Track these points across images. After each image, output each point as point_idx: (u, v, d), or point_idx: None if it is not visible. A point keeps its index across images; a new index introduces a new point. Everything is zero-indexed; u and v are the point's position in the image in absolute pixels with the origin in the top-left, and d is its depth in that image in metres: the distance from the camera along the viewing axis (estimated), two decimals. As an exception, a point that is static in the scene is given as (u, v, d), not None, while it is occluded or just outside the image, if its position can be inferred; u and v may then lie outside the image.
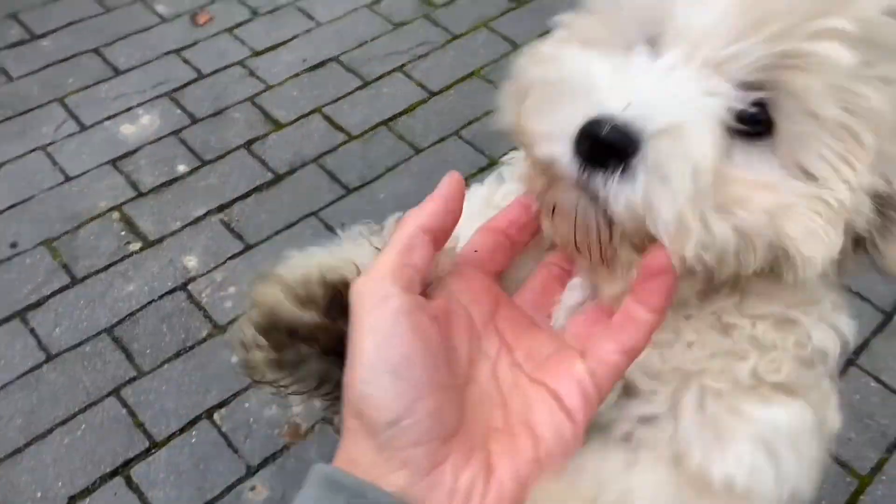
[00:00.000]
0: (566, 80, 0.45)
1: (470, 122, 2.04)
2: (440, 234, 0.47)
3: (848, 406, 0.69)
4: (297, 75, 2.15)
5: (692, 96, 0.43)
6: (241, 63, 2.18)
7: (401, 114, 2.06)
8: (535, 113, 0.47)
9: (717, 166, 0.42)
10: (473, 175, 1.92)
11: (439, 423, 0.42)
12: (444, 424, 0.43)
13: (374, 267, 0.45)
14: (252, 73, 2.15)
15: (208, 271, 1.71)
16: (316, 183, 1.88)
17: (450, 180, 0.48)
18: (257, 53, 2.21)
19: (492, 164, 1.95)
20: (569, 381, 0.45)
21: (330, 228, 1.79)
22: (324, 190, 1.87)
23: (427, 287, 0.48)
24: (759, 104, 0.44)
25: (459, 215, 0.48)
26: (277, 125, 2.02)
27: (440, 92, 2.12)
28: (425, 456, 0.41)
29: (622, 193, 0.42)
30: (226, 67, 2.17)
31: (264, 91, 2.11)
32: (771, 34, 0.43)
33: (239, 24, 2.30)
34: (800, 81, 0.43)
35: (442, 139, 2.00)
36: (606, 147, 0.41)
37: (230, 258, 1.73)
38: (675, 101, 0.43)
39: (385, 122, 2.03)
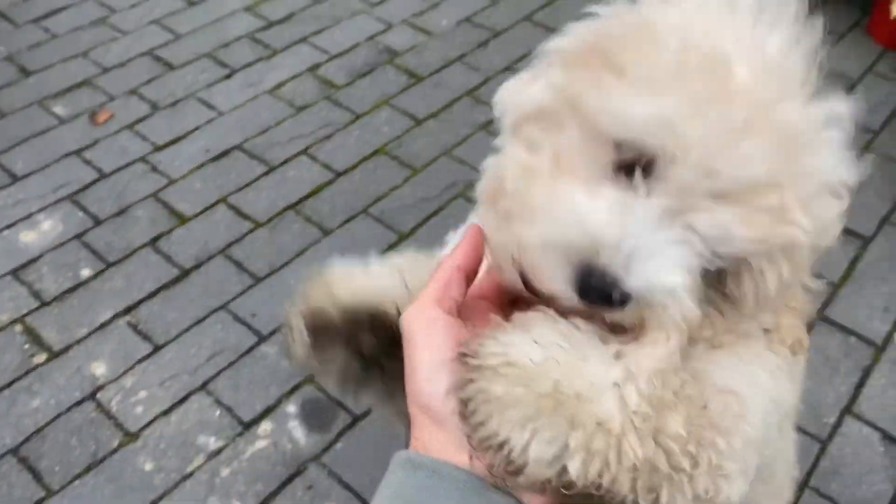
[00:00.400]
0: (562, 224, 0.50)
1: (377, 200, 2.07)
2: (471, 273, 0.59)
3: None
4: (200, 166, 2.16)
5: (686, 257, 0.50)
6: (143, 159, 2.17)
7: (307, 197, 2.07)
8: (530, 248, 0.52)
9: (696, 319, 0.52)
10: (385, 251, 1.94)
11: None
12: None
13: (422, 298, 0.56)
14: (154, 168, 2.15)
15: (117, 377, 1.67)
16: (224, 275, 1.87)
17: (473, 230, 0.59)
18: (159, 148, 2.21)
19: (401, 238, 1.98)
20: None
21: (240, 321, 1.78)
22: (232, 282, 1.86)
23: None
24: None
25: (483, 256, 0.59)
26: (182, 219, 2.01)
27: (346, 172, 2.15)
28: None
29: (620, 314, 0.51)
30: (128, 165, 2.15)
31: (167, 185, 2.10)
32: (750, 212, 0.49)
33: (139, 120, 2.30)
34: (767, 265, 0.52)
35: (350, 218, 2.02)
36: (607, 296, 0.49)
37: (139, 361, 1.70)
38: (673, 261, 0.49)
39: (292, 207, 2.04)
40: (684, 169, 0.48)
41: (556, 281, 0.50)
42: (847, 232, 2.03)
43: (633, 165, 0.50)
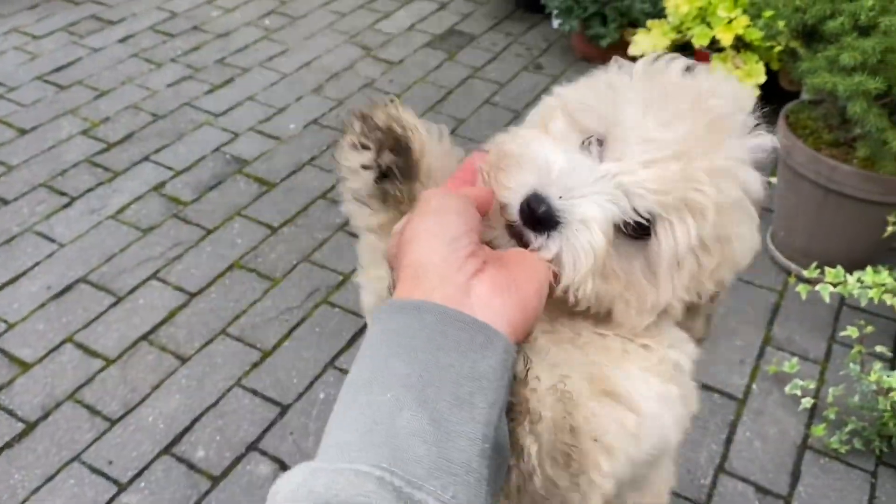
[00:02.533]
0: (531, 159, 0.67)
1: (236, 318, 2.00)
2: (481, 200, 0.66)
3: None
4: (41, 306, 2.02)
5: (607, 203, 0.64)
6: (-25, 305, 2.02)
7: (161, 324, 1.98)
8: (505, 170, 0.67)
9: (604, 251, 0.64)
10: (246, 373, 1.86)
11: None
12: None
13: (440, 188, 0.69)
14: (-11, 315, 1.99)
15: (-45, 559, 1.50)
16: (74, 422, 1.74)
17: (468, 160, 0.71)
18: (-7, 291, 2.06)
19: (265, 356, 1.91)
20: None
21: (96, 471, 1.64)
22: (84, 429, 1.73)
23: None
24: (648, 219, 0.65)
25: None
26: (24, 366, 1.87)
27: (200, 292, 2.07)
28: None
29: (544, 247, 0.64)
30: (-43, 314, 1.99)
31: (5, 331, 1.95)
32: (670, 179, 0.64)
33: (-31, 263, 2.14)
34: (676, 220, 0.65)
35: (208, 342, 1.93)
36: (540, 218, 0.64)
37: (-20, 537, 1.53)
38: (596, 203, 0.64)
39: (144, 337, 1.94)
40: (624, 145, 0.66)
41: (510, 195, 0.66)
42: None
43: (598, 141, 0.68)
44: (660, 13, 2.93)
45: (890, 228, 1.89)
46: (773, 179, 2.30)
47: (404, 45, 3.33)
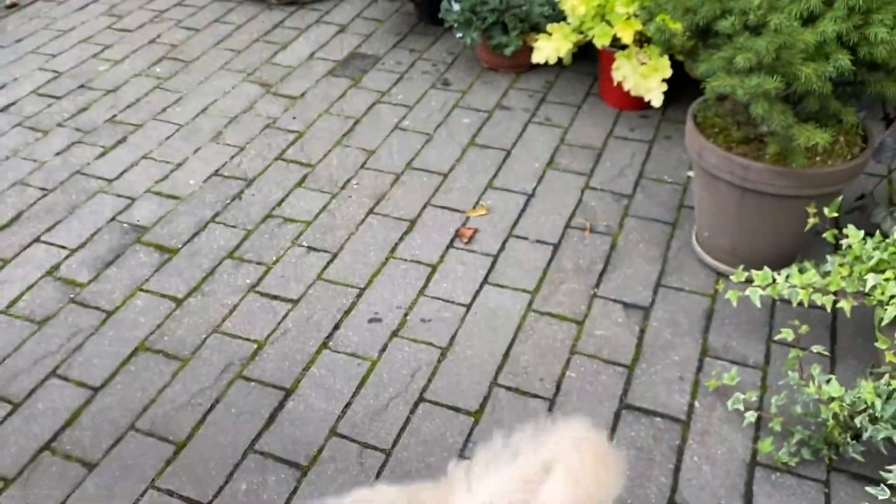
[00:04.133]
0: None
1: (145, 409, 1.85)
2: None
3: None
4: (-71, 426, 1.84)
5: None
6: None
7: (64, 428, 1.82)
8: None
9: None
10: (160, 472, 1.72)
11: None
12: None
13: None
14: None
15: None
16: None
17: None
18: None
19: (179, 448, 1.77)
20: None
21: None
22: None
23: None
24: None
25: None
26: (-88, 501, 1.69)
27: (105, 384, 1.92)
28: None
29: None
30: None
31: None
32: None
33: None
34: None
35: (117, 441, 1.78)
36: None
37: None
38: None
39: (46, 447, 1.78)
40: None
41: None
42: (627, 306, 2.03)
43: None
44: (560, 16, 2.86)
45: (811, 220, 1.84)
46: (691, 173, 2.23)
47: (305, 77, 3.19)
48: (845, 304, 1.67)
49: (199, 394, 1.88)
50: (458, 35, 3.04)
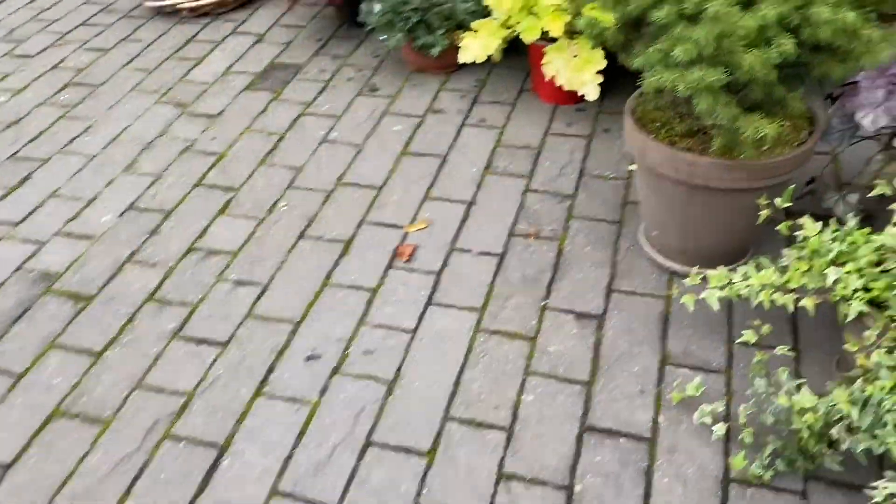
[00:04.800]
0: None
1: (64, 483, 1.67)
2: None
3: None
4: None
5: None
6: None
7: (-30, 516, 1.62)
8: None
9: None
10: (89, 547, 1.54)
11: None
12: None
13: None
14: None
15: None
16: None
17: None
18: None
19: None
20: None
21: None
22: None
23: None
24: None
25: None
26: None
27: (15, 461, 1.72)
28: None
29: None
30: None
31: None
32: None
33: None
34: None
35: (32, 524, 1.60)
36: None
37: None
38: None
39: (-49, 540, 1.58)
40: None
41: None
42: (579, 316, 1.89)
43: None
44: (486, 12, 2.72)
45: (764, 213, 1.74)
46: (633, 167, 2.12)
47: (223, 93, 3.00)
48: (808, 303, 1.58)
49: (124, 460, 1.70)
50: (382, 37, 2.88)
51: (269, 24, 3.48)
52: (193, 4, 3.49)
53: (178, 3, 3.49)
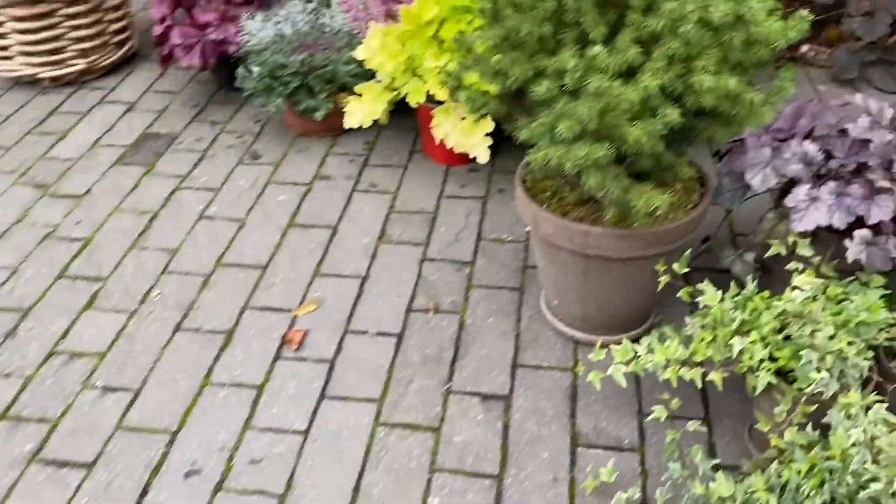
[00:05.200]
0: None
1: None
2: None
3: None
4: None
5: None
6: None
7: None
8: None
9: None
10: None
11: None
12: None
13: None
14: None
15: None
16: None
17: None
18: None
19: None
20: None
21: None
22: None
23: None
24: None
25: None
26: None
27: None
28: None
29: None
30: None
31: None
32: None
33: None
34: None
35: None
36: None
37: None
38: None
39: None
40: None
41: None
42: (485, 398, 1.71)
43: None
44: (369, 74, 2.62)
45: (663, 280, 1.68)
46: (529, 229, 2.03)
47: (90, 169, 2.77)
48: (715, 377, 1.51)
49: None
50: (260, 103, 2.73)
51: (140, 91, 3.27)
52: (56, 73, 3.24)
53: (39, 73, 3.23)
